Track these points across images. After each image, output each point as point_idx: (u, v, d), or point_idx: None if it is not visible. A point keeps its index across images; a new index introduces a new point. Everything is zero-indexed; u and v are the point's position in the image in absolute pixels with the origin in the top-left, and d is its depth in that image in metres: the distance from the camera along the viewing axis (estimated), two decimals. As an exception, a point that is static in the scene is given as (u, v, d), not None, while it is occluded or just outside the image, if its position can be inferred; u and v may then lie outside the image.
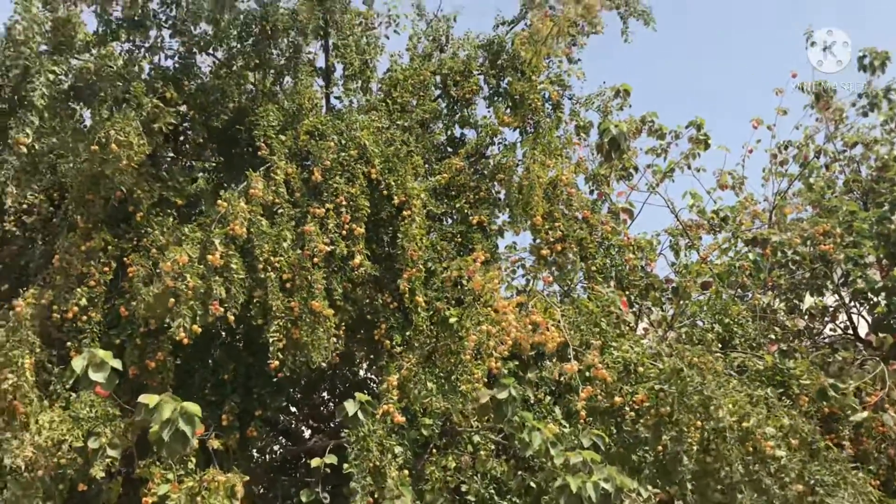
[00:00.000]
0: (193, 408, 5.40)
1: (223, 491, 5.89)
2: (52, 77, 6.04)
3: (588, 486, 5.39)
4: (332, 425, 9.59)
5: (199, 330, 6.37)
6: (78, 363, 5.40)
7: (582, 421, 6.39)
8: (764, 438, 5.71)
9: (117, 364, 5.55)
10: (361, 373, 9.81)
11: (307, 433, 9.84)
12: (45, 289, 6.67)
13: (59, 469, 5.77)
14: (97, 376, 5.38)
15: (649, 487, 6.03)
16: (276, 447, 9.38)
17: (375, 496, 6.17)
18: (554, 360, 6.88)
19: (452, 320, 6.95)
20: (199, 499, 5.89)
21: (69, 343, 6.54)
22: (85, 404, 6.05)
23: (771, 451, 5.66)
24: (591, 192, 9.70)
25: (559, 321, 6.66)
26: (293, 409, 9.70)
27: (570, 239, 7.58)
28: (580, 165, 8.57)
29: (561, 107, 8.60)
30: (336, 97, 8.44)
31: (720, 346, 8.20)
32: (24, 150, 6.21)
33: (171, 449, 5.23)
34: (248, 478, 6.20)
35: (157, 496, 5.83)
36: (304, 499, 6.83)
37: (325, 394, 10.01)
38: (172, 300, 6.28)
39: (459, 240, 7.69)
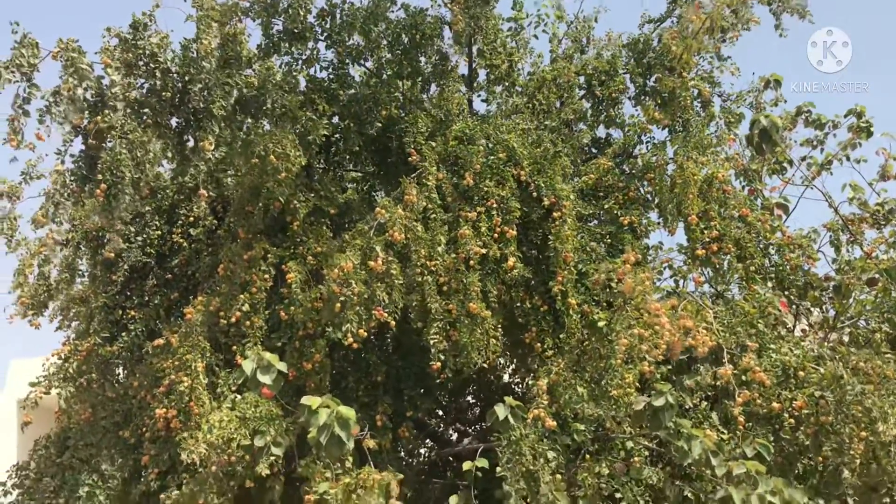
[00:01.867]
0: (348, 412, 5.59)
1: (378, 489, 6.00)
2: (226, 89, 6.41)
3: (753, 499, 5.13)
4: (478, 428, 9.65)
5: (365, 334, 6.55)
6: (247, 365, 5.68)
7: (741, 427, 6.11)
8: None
9: (283, 367, 5.81)
10: (506, 377, 9.81)
11: (454, 436, 9.92)
12: (212, 296, 7.07)
13: (229, 466, 6.07)
14: (265, 378, 5.63)
15: (821, 502, 5.65)
16: (423, 450, 9.52)
17: (528, 500, 6.13)
18: (707, 365, 6.62)
19: (601, 324, 6.82)
20: (354, 496, 6.01)
21: (234, 347, 6.89)
22: (250, 405, 6.34)
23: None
24: (743, 188, 9.28)
25: (711, 324, 6.39)
26: (440, 413, 9.82)
27: (727, 238, 7.27)
28: (733, 161, 8.22)
29: (711, 104, 8.31)
30: (482, 101, 8.51)
31: (889, 347, 7.64)
32: (210, 155, 6.59)
33: (328, 451, 5.40)
34: (402, 476, 6.30)
35: (318, 494, 6.01)
36: (453, 503, 6.87)
37: (470, 398, 10.08)
38: (338, 305, 6.49)
39: (609, 241, 7.54)
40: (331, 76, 8.11)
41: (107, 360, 7.30)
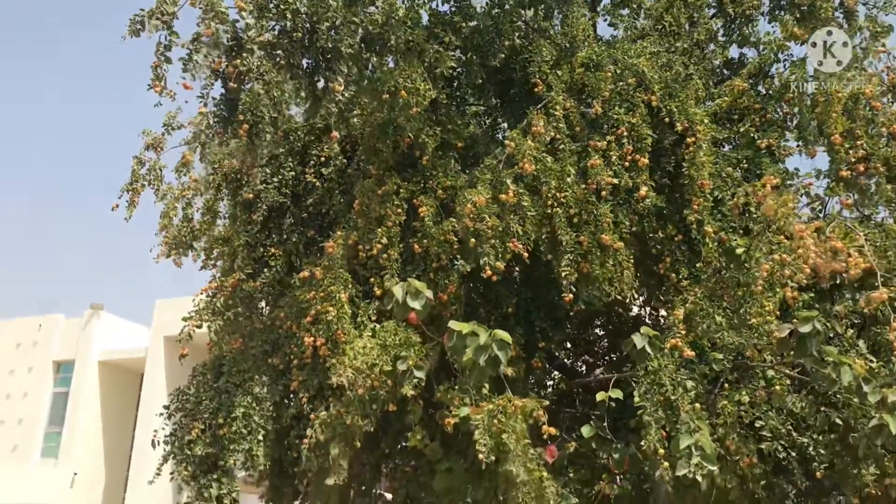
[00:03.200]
0: (505, 335, 5.75)
1: (522, 414, 6.13)
2: (353, 27, 6.49)
3: (912, 425, 4.95)
4: (607, 360, 9.64)
5: (503, 266, 6.62)
6: (398, 291, 5.97)
7: (894, 355, 5.86)
8: None
9: (430, 294, 6.02)
10: (635, 310, 9.72)
11: (583, 368, 9.95)
12: (350, 231, 7.30)
13: (373, 390, 6.34)
14: (414, 304, 5.92)
15: None
16: (552, 382, 9.61)
17: (667, 429, 6.11)
18: (858, 290, 6.35)
19: (740, 251, 6.64)
20: (496, 421, 6.16)
21: (371, 279, 7.11)
22: (390, 333, 6.57)
23: None
24: (892, 103, 8.69)
25: (863, 246, 6.10)
26: (569, 345, 9.85)
27: (875, 158, 6.87)
28: (881, 75, 7.70)
29: (855, 14, 7.77)
30: (609, 25, 8.27)
31: None
32: (340, 97, 6.74)
33: (482, 373, 5.57)
34: (546, 402, 6.41)
35: (459, 418, 6.20)
36: (585, 433, 6.95)
37: (599, 330, 10.06)
38: (473, 241, 6.60)
39: (745, 166, 7.27)
40: (452, 8, 8.06)
41: (251, 295, 7.70)
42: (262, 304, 8.11)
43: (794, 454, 6.30)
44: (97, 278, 59.26)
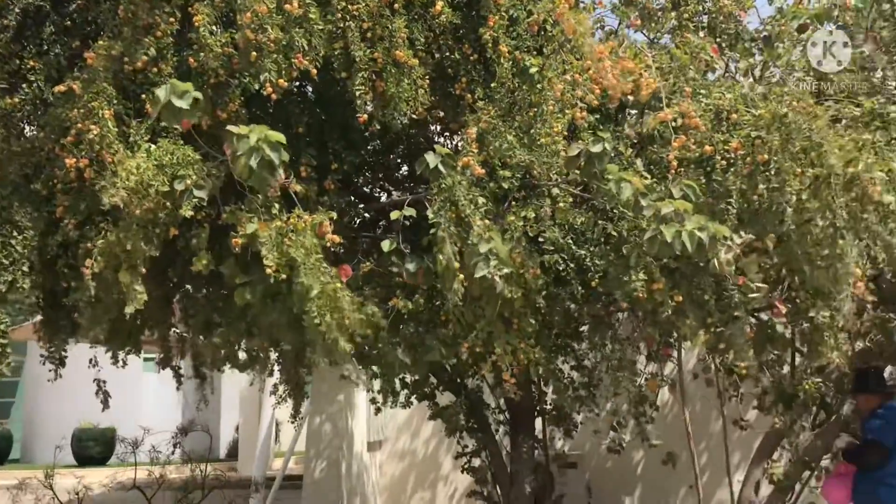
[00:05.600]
0: (277, 135, 5.54)
1: (311, 229, 6.00)
2: None
3: (683, 235, 5.28)
4: (405, 187, 9.63)
5: (286, 84, 6.25)
6: (161, 92, 5.55)
7: (672, 171, 6.19)
8: (872, 184, 5.43)
9: (198, 94, 5.66)
10: (437, 138, 9.67)
11: (383, 196, 9.90)
12: (114, 41, 6.54)
13: (150, 214, 5.92)
14: (181, 103, 5.54)
15: (742, 234, 5.88)
16: (351, 210, 9.50)
17: (459, 245, 6.21)
18: (645, 111, 6.59)
19: (533, 70, 6.63)
20: (287, 239, 6.00)
21: (143, 96, 6.48)
22: (166, 152, 6.09)
23: (879, 196, 5.40)
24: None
25: (651, 67, 6.27)
26: (367, 173, 9.71)
27: (661, -21, 6.98)
28: None
29: None
30: None
31: (815, 96, 7.72)
32: None
33: (259, 179, 5.33)
34: (334, 215, 6.30)
35: (246, 235, 5.97)
36: (385, 247, 6.97)
37: (398, 159, 9.95)
38: (254, 53, 6.11)
39: (542, -18, 7.12)
40: None
41: (8, 113, 6.83)
42: (24, 124, 7.24)
43: (572, 266, 6.65)
44: None
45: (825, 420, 10.28)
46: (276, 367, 11.08)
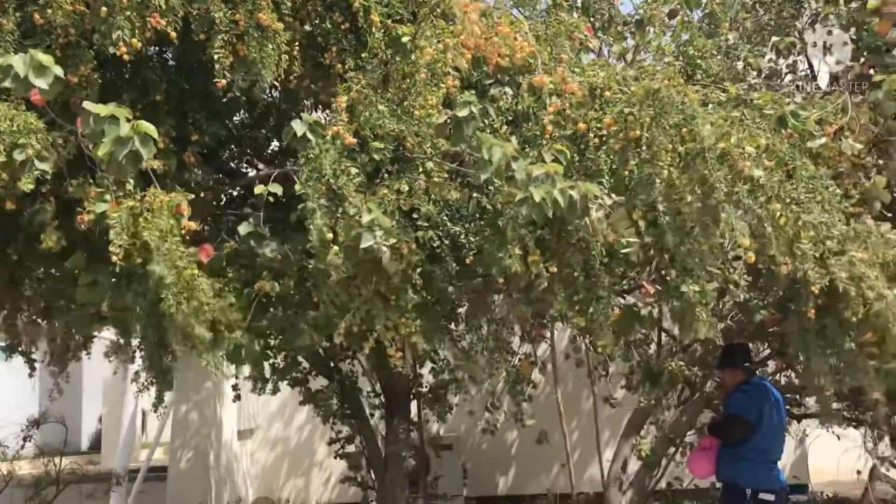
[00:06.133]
0: (150, 128, 5.06)
1: (167, 210, 5.57)
2: None
3: (555, 194, 5.22)
4: (276, 162, 9.22)
5: (139, 44, 5.78)
6: (19, 64, 4.93)
7: (548, 136, 6.14)
8: (742, 158, 5.54)
9: (60, 72, 5.12)
10: (306, 113, 9.30)
11: (250, 172, 9.46)
12: (-55, -9, 5.85)
13: (-16, 186, 5.32)
14: (40, 82, 4.98)
15: (613, 196, 5.89)
16: (217, 186, 9.02)
17: (332, 221, 5.92)
18: (517, 76, 6.52)
19: (405, 39, 6.43)
20: (142, 220, 5.56)
21: (-22, 54, 5.82)
22: (4, 117, 5.47)
23: (749, 170, 5.52)
24: None
25: (527, 33, 6.20)
26: (234, 148, 9.24)
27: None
28: None
29: None
30: None
31: (683, 79, 7.91)
32: None
33: (121, 169, 4.87)
34: (192, 196, 5.87)
35: (95, 214, 5.48)
36: (241, 230, 6.60)
37: (269, 134, 9.53)
38: (105, 10, 5.62)
39: (415, -53, 6.92)
40: None
41: None
42: None
43: (447, 242, 6.49)
44: None
45: (689, 397, 10.67)
46: (138, 354, 10.43)
